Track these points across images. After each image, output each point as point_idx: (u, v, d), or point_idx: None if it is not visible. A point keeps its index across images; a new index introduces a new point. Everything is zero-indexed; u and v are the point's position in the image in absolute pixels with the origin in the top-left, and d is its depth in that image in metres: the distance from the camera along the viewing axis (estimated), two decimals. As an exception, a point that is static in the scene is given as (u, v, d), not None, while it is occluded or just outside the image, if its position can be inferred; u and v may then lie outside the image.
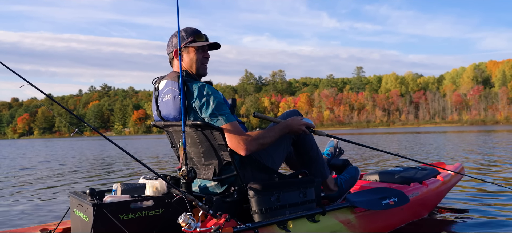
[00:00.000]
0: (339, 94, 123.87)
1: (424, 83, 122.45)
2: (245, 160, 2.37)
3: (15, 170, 9.79)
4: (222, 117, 2.26)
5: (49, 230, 2.37)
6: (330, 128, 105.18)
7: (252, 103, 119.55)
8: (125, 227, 2.00)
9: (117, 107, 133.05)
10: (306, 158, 2.68)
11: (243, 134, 2.27)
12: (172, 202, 2.13)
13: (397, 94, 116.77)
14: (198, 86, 2.28)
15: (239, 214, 2.29)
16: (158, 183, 2.23)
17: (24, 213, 4.32)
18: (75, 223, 2.24)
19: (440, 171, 3.59)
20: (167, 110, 2.40)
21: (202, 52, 2.46)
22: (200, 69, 2.47)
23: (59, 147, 28.29)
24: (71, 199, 2.29)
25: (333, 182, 2.84)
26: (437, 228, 3.11)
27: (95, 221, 1.94)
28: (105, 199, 2.08)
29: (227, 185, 2.41)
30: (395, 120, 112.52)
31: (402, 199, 2.84)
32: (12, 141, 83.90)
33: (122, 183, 2.32)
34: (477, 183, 5.12)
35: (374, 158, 9.78)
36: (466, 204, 3.92)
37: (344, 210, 2.65)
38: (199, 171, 2.48)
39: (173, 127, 2.48)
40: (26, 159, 14.82)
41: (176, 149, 2.68)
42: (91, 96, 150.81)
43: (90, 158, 13.87)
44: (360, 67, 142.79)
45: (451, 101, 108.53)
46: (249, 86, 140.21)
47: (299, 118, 2.55)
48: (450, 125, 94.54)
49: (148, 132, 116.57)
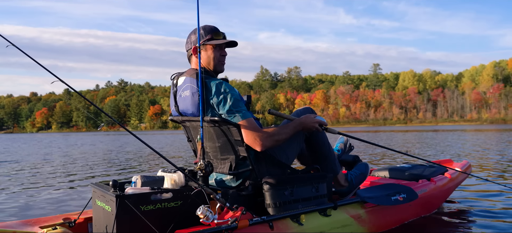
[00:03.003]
0: (355, 91, 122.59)
1: (442, 80, 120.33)
2: (260, 155, 2.45)
3: (37, 163, 10.06)
4: (239, 114, 2.35)
5: (71, 219, 2.44)
6: (346, 125, 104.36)
7: (268, 99, 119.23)
8: (146, 218, 2.07)
9: (134, 102, 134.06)
10: (318, 155, 2.76)
11: (259, 130, 2.36)
12: (191, 195, 2.19)
13: (414, 91, 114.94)
14: (216, 84, 2.37)
15: (253, 207, 2.37)
16: (176, 176, 2.29)
17: (46, 202, 4.49)
18: (97, 213, 2.32)
19: (448, 169, 3.64)
20: (185, 106, 2.49)
21: (220, 50, 2.54)
22: (218, 66, 2.55)
23: (77, 141, 28.82)
24: (93, 190, 2.36)
25: (343, 178, 2.91)
26: (444, 224, 3.15)
27: (118, 212, 2.01)
28: (127, 191, 2.14)
29: (243, 179, 2.49)
30: (413, 118, 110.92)
31: (411, 195, 2.90)
32: (31, 134, 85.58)
33: (142, 176, 2.37)
34: (486, 181, 5.14)
35: (384, 155, 9.82)
36: (473, 201, 3.96)
37: (354, 205, 2.72)
38: (215, 165, 2.56)
39: (191, 122, 2.57)
40: (47, 152, 15.18)
41: (193, 143, 2.77)
42: (108, 91, 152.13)
43: (107, 151, 14.13)
44: (377, 64, 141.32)
45: (470, 99, 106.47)
46: (265, 83, 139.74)
47: (312, 116, 2.63)
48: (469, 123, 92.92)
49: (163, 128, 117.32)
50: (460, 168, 3.76)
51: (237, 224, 2.11)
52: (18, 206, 4.32)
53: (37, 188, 5.60)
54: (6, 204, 4.45)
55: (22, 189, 5.59)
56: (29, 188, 5.68)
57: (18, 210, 4.14)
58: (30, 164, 9.82)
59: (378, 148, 11.93)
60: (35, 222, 2.38)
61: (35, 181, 6.36)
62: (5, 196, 4.99)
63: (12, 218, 3.75)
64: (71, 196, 4.89)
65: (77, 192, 5.24)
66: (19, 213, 3.96)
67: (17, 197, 4.93)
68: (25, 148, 18.48)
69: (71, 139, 36.20)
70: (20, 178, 6.87)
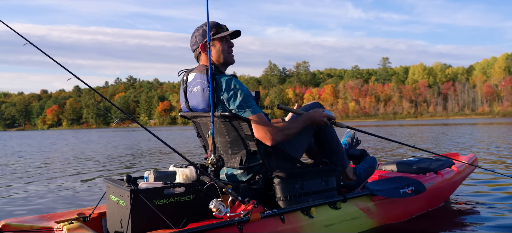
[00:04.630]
0: (364, 85, 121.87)
1: (453, 74, 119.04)
2: (270, 150, 2.49)
3: (48, 159, 10.21)
4: (249, 109, 2.38)
5: (86, 214, 2.48)
6: (355, 120, 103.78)
7: (276, 94, 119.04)
8: (159, 212, 2.10)
9: (143, 98, 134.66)
10: (327, 149, 2.79)
11: (269, 125, 2.40)
12: (204, 189, 2.22)
13: (424, 85, 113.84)
14: (226, 80, 2.41)
15: (264, 201, 2.41)
16: (188, 171, 2.32)
17: (59, 198, 4.58)
18: (111, 208, 2.35)
19: (455, 162, 3.65)
20: (196, 102, 2.53)
21: (226, 42, 2.59)
22: (228, 58, 2.59)
23: (87, 137, 29.10)
24: (107, 185, 2.40)
25: (352, 171, 2.93)
26: (451, 217, 3.17)
27: (132, 206, 2.05)
28: (140, 185, 2.16)
29: (253, 173, 2.52)
30: (423, 111, 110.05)
31: (419, 188, 2.92)
32: (42, 131, 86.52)
33: (154, 170, 2.41)
34: (494, 174, 5.12)
35: (392, 149, 9.84)
36: (480, 194, 3.97)
37: (363, 198, 2.76)
38: (226, 159, 2.60)
39: (201, 118, 2.61)
40: (58, 148, 15.36)
41: (203, 139, 2.81)
42: (117, 87, 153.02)
43: (117, 147, 14.26)
44: (386, 57, 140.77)
45: (481, 92, 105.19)
46: (273, 78, 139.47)
47: (321, 110, 2.66)
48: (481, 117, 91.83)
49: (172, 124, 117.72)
50: (466, 161, 3.77)
51: (250, 217, 2.15)
52: (33, 202, 4.42)
53: (50, 184, 5.71)
54: (21, 200, 4.54)
55: (36, 184, 5.69)
56: (42, 184, 5.79)
57: (33, 205, 4.23)
58: (42, 160, 9.96)
59: (385, 142, 11.93)
60: (51, 217, 2.42)
61: (49, 177, 6.47)
62: (20, 192, 5.09)
63: (27, 213, 3.84)
64: (83, 192, 4.98)
65: (89, 187, 5.33)
66: (34, 209, 4.04)
67: (32, 192, 5.04)
68: (36, 145, 18.71)
69: (81, 135, 36.58)
70: (34, 174, 6.99)
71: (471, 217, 3.17)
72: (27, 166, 8.63)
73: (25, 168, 8.10)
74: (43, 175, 6.86)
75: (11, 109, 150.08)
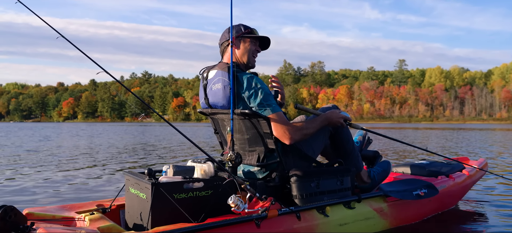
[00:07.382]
0: (380, 87, 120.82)
1: (471, 78, 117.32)
2: (288, 148, 2.53)
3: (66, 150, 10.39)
4: (269, 107, 2.43)
5: (105, 206, 2.52)
6: (370, 121, 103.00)
7: (291, 94, 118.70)
8: (179, 206, 2.15)
9: (157, 94, 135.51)
10: (342, 151, 2.83)
11: (288, 124, 2.45)
12: (223, 184, 2.27)
13: (441, 88, 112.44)
14: (247, 78, 2.46)
15: (280, 198, 2.45)
16: (206, 166, 2.37)
17: (78, 189, 4.69)
18: (130, 201, 2.40)
19: (465, 166, 3.66)
20: (216, 99, 2.57)
21: (255, 45, 2.65)
22: (251, 61, 2.65)
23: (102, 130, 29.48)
24: (126, 178, 2.44)
25: (366, 174, 2.97)
26: (461, 221, 3.20)
27: (153, 199, 2.09)
28: (160, 179, 2.20)
29: (270, 170, 2.57)
30: (439, 115, 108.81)
31: (432, 190, 2.96)
32: (58, 123, 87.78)
33: (173, 165, 2.43)
34: (503, 179, 5.11)
35: (405, 151, 9.89)
36: (489, 198, 3.99)
37: (377, 198, 2.79)
38: (243, 156, 2.64)
39: (220, 115, 2.65)
40: (75, 140, 15.59)
41: (220, 135, 2.86)
42: (133, 82, 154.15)
43: (133, 141, 14.44)
44: (402, 60, 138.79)
45: (499, 97, 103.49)
46: (288, 77, 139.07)
47: (338, 111, 2.71)
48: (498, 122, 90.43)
49: (186, 120, 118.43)
50: (477, 166, 3.78)
51: (267, 214, 2.19)
52: (53, 192, 4.53)
53: (69, 175, 5.84)
54: (42, 190, 4.67)
55: (55, 176, 5.82)
56: (61, 175, 5.92)
57: (52, 195, 4.34)
58: (60, 151, 10.15)
59: (398, 144, 11.90)
60: (71, 207, 2.47)
61: (67, 168, 6.61)
62: (41, 182, 5.23)
63: (47, 202, 3.95)
64: (101, 184, 5.09)
65: (106, 179, 5.44)
66: (54, 199, 4.16)
67: (51, 183, 5.17)
68: (54, 138, 19.03)
69: (96, 128, 37.07)
70: (52, 166, 7.14)
71: (480, 221, 3.19)
72: (47, 156, 8.82)
73: (44, 159, 8.27)
74: (60, 166, 7.00)
75: (28, 101, 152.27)
